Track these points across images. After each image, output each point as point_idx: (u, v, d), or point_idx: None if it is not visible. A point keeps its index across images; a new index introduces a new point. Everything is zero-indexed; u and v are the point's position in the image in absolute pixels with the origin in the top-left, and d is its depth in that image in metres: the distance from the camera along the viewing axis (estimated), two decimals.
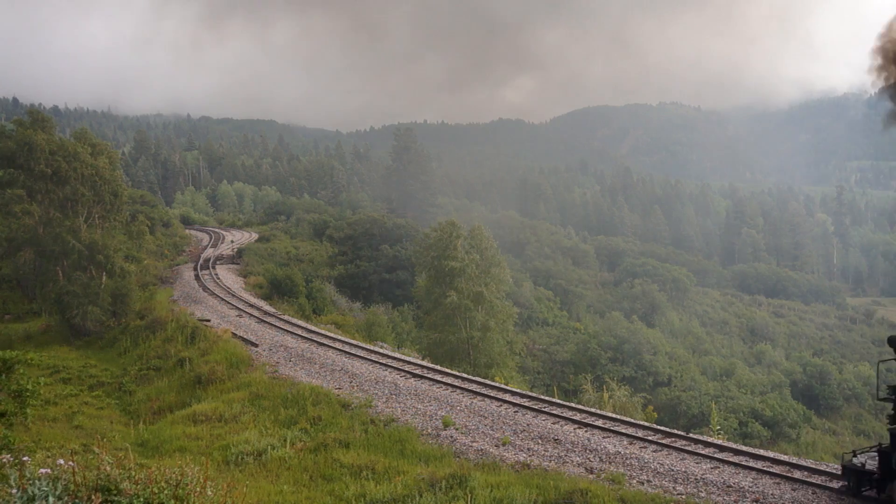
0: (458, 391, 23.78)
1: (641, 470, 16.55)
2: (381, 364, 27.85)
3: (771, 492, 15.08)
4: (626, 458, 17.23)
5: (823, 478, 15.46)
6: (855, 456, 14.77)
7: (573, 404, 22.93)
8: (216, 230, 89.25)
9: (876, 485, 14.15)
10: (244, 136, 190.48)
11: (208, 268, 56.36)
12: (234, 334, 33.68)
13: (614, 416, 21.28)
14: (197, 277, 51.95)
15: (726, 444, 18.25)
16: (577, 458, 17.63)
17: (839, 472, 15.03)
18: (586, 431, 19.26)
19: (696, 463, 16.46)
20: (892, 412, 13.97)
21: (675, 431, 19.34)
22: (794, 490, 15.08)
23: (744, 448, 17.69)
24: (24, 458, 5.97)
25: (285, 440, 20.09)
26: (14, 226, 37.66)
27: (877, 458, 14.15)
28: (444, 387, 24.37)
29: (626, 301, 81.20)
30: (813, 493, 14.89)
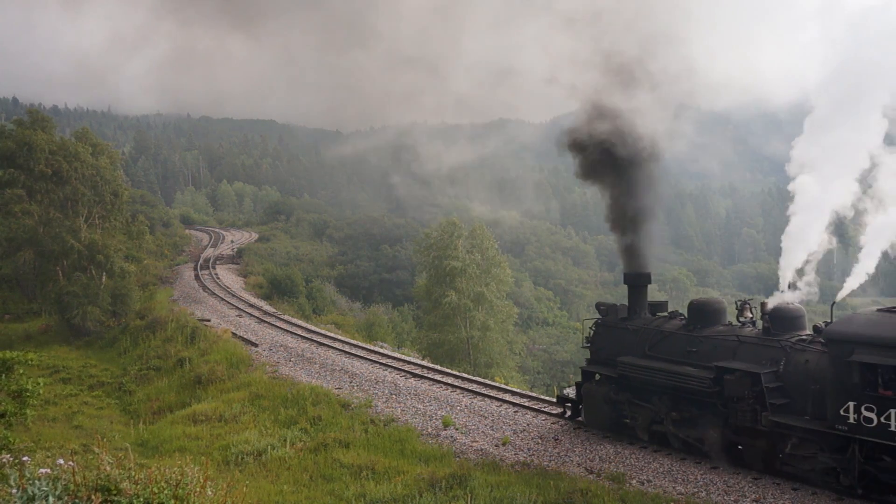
0: (458, 391, 23.78)
1: (642, 470, 16.55)
2: (381, 364, 27.85)
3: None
4: (627, 458, 17.23)
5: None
6: (568, 388, 20.98)
7: None
8: (216, 230, 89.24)
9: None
10: (244, 136, 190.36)
11: (208, 268, 56.39)
12: (234, 334, 33.68)
13: None
14: (197, 277, 51.97)
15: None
16: (578, 458, 17.64)
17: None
18: (586, 431, 19.26)
19: (696, 463, 16.46)
20: (589, 357, 19.76)
21: None
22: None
23: None
24: (24, 458, 5.96)
25: (285, 440, 20.11)
26: (14, 226, 37.62)
27: (576, 389, 20.08)
28: (444, 387, 24.37)
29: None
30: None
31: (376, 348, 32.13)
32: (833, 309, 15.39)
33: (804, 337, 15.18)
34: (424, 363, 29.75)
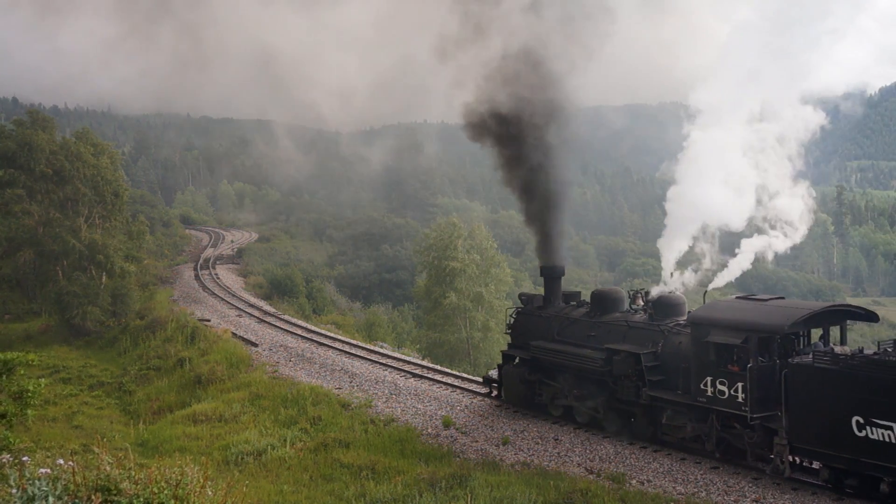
0: (458, 391, 23.78)
1: (642, 470, 16.55)
2: (381, 364, 27.85)
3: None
4: (627, 458, 17.23)
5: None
6: (492, 370, 22.84)
7: None
8: (216, 230, 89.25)
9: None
10: (244, 137, 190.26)
11: (208, 268, 56.40)
12: (234, 334, 33.68)
13: None
14: (197, 277, 51.98)
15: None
16: (578, 458, 17.64)
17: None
18: (586, 431, 19.26)
19: (696, 463, 16.46)
20: (510, 341, 21.82)
21: None
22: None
23: None
24: (24, 459, 5.97)
25: (285, 440, 20.13)
26: (14, 226, 37.63)
27: (498, 371, 21.69)
28: (444, 387, 24.37)
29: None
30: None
31: (376, 348, 32.12)
32: (705, 296, 17.80)
33: (681, 322, 17.09)
34: (424, 363, 29.72)
